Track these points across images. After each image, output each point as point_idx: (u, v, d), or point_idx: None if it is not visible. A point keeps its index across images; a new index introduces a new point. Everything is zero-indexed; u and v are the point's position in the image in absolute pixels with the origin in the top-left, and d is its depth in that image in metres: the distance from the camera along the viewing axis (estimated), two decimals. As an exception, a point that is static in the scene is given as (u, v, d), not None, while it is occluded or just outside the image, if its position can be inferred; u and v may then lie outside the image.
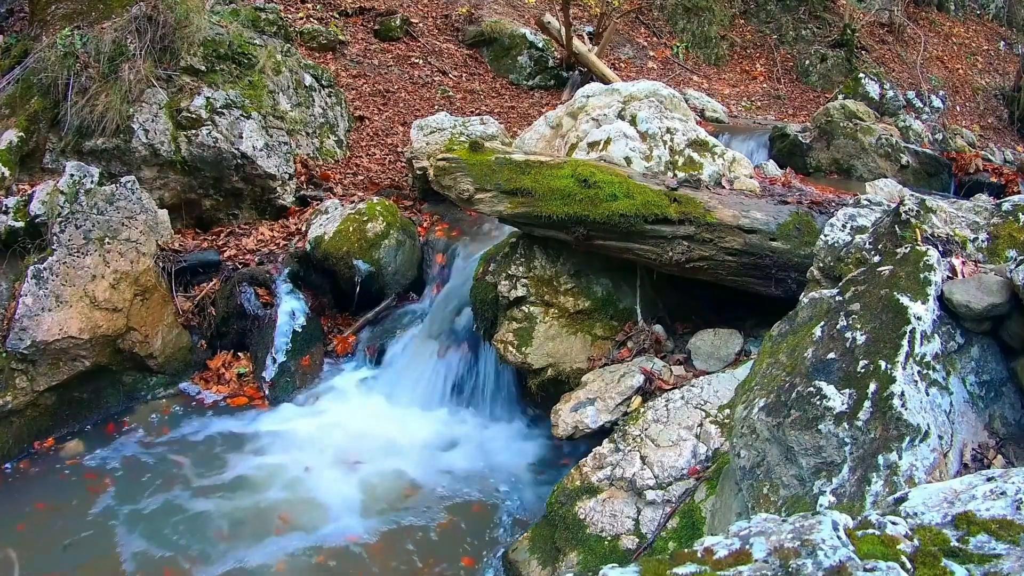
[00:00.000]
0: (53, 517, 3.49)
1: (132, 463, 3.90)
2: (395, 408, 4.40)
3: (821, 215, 3.65)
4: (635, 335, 3.88)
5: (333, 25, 8.41)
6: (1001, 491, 1.26)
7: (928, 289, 2.01)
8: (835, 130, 7.28)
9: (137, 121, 4.98)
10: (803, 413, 1.93)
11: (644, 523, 2.88)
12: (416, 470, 3.93)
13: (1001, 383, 2.05)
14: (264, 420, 4.28)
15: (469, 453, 4.07)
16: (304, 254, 4.92)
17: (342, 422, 4.25)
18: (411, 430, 4.20)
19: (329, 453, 4.00)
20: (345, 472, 3.86)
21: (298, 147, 5.93)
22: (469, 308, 4.38)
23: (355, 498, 3.68)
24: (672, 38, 10.96)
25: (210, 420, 4.27)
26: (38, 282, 3.96)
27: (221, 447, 4.05)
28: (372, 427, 4.20)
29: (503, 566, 3.23)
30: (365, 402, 4.47)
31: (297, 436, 4.13)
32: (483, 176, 3.80)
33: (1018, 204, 2.44)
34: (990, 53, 12.42)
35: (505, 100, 8.46)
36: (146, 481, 3.76)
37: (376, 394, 4.53)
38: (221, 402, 4.44)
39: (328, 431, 4.17)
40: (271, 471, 3.85)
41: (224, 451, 4.01)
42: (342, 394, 4.55)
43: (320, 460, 3.94)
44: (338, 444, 4.07)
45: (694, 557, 1.18)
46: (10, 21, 6.08)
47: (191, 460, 3.93)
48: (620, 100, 4.93)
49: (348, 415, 4.32)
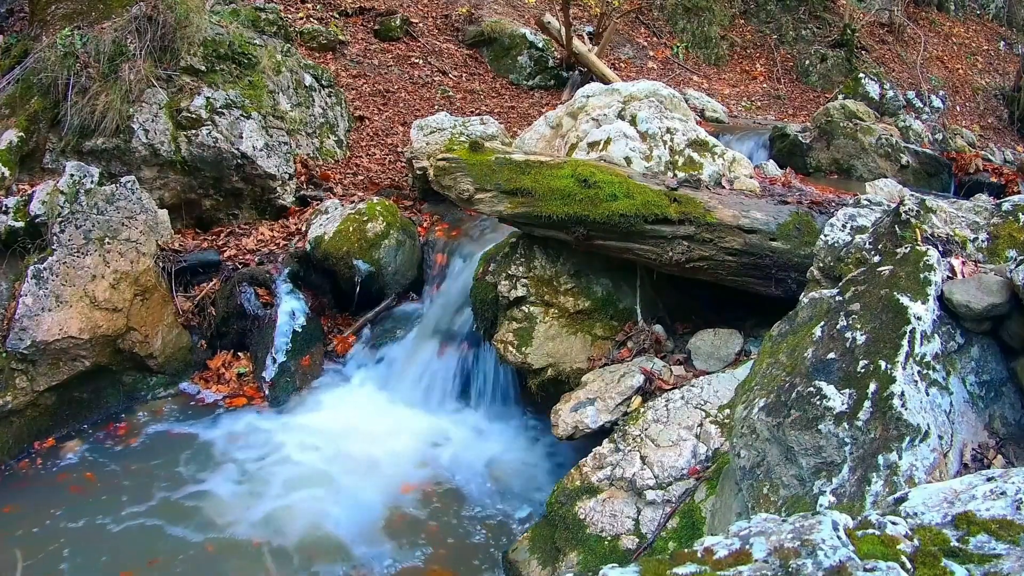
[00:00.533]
0: (53, 516, 3.49)
1: (132, 463, 3.89)
2: (395, 408, 4.40)
3: (821, 215, 3.65)
4: (635, 335, 3.88)
5: (333, 25, 8.41)
6: (1001, 491, 1.26)
7: (928, 289, 2.01)
8: (835, 130, 7.28)
9: (137, 121, 4.98)
10: (803, 413, 1.93)
11: (644, 523, 2.88)
12: (415, 470, 3.93)
13: (1001, 383, 2.05)
14: (264, 420, 4.28)
15: (469, 453, 4.07)
16: (304, 254, 4.92)
17: (342, 422, 4.25)
18: (411, 430, 4.20)
19: (329, 453, 4.00)
20: (344, 472, 3.86)
21: (298, 147, 5.93)
22: (469, 308, 4.38)
23: (354, 498, 3.68)
24: (672, 38, 10.96)
25: (210, 420, 4.27)
26: (38, 282, 3.96)
27: (221, 447, 4.04)
28: (372, 427, 4.20)
29: (503, 566, 3.23)
30: (365, 402, 4.47)
31: (297, 436, 4.12)
32: (483, 176, 3.80)
33: (1018, 204, 2.44)
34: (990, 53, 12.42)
35: (505, 100, 8.46)
36: (146, 481, 3.76)
37: (376, 394, 4.53)
38: (221, 402, 4.44)
39: (328, 431, 4.17)
40: (271, 471, 3.85)
41: (224, 451, 4.01)
42: (342, 394, 4.55)
43: (320, 460, 3.94)
44: (338, 444, 4.07)
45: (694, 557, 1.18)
46: (10, 21, 6.08)
47: (191, 460, 3.93)
48: (620, 100, 4.93)
49: (348, 415, 4.32)
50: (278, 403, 4.42)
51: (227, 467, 3.88)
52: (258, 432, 4.17)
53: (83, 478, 3.78)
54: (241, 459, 3.95)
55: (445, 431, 4.23)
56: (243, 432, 4.17)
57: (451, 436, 4.20)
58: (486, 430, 4.24)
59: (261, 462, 3.93)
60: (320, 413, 4.36)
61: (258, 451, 4.01)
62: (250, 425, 4.23)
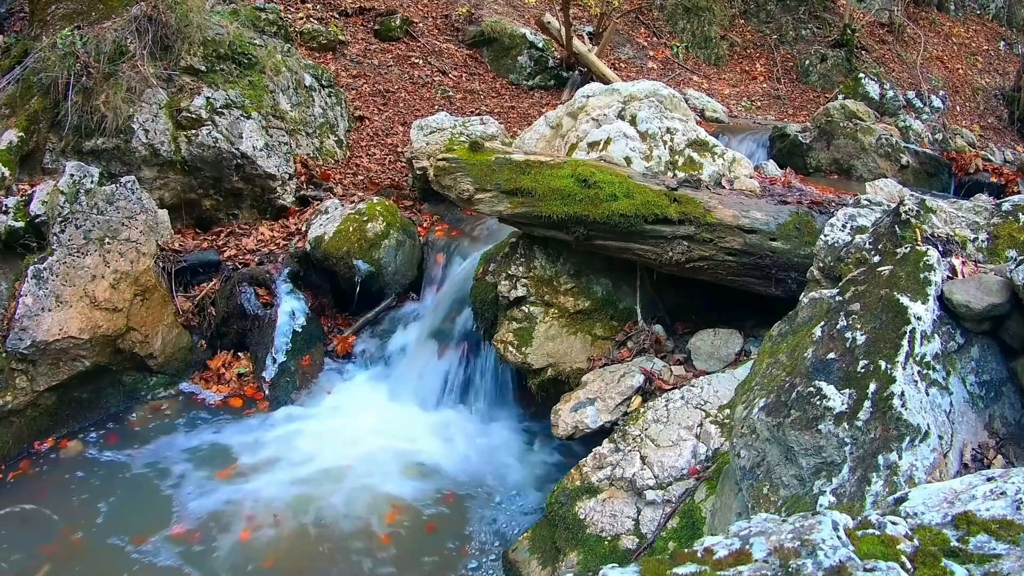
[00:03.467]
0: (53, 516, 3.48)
1: (132, 463, 3.90)
2: (395, 408, 4.40)
3: (821, 215, 3.65)
4: (635, 335, 3.88)
5: (333, 25, 8.41)
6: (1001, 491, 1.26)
7: (928, 289, 2.01)
8: (835, 130, 7.28)
9: (137, 121, 4.98)
10: (803, 413, 1.93)
11: (644, 523, 2.88)
12: (415, 469, 3.93)
13: (1001, 383, 2.05)
14: (264, 420, 4.28)
15: (469, 453, 4.07)
16: (304, 254, 4.92)
17: (342, 422, 4.25)
18: (411, 430, 4.20)
19: (329, 453, 4.00)
20: (344, 471, 3.86)
21: (298, 147, 5.93)
22: (469, 308, 4.38)
23: (354, 498, 3.68)
24: (672, 38, 10.96)
25: (210, 420, 4.28)
26: (38, 282, 3.96)
27: (221, 447, 4.05)
28: (372, 427, 4.20)
29: (503, 566, 3.23)
30: (365, 402, 4.47)
31: (297, 436, 4.12)
32: (483, 176, 3.80)
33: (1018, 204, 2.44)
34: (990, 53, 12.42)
35: (505, 100, 8.46)
36: (145, 481, 3.76)
37: (376, 394, 4.53)
38: (221, 402, 4.44)
39: (328, 431, 4.17)
40: (270, 471, 3.85)
41: (224, 451, 4.01)
42: (342, 394, 4.55)
43: (320, 460, 3.94)
44: (338, 444, 4.06)
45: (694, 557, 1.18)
46: (10, 21, 6.08)
47: (190, 460, 3.93)
48: (620, 100, 4.93)
49: (348, 415, 4.32)
50: (278, 403, 4.42)
51: (227, 467, 3.88)
52: (258, 432, 4.17)
53: (83, 478, 3.77)
54: (241, 459, 3.95)
55: (445, 431, 4.23)
56: (243, 432, 4.17)
57: (451, 435, 4.20)
58: (486, 430, 4.24)
59: (260, 461, 3.93)
60: (320, 413, 4.36)
61: (258, 450, 4.01)
62: (250, 425, 4.23)
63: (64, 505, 3.58)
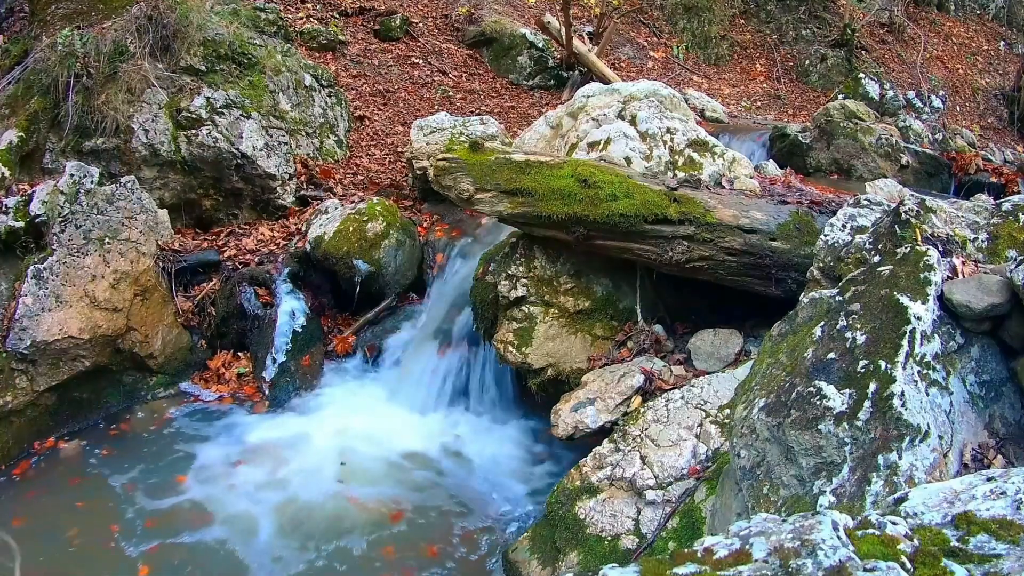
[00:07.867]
0: (53, 516, 3.49)
1: (132, 463, 3.89)
2: (395, 408, 4.40)
3: (821, 215, 3.65)
4: (635, 335, 3.88)
5: (333, 25, 8.40)
6: (1001, 491, 1.26)
7: (928, 289, 2.01)
8: (835, 130, 7.27)
9: (137, 121, 4.98)
10: (803, 413, 1.93)
11: (644, 523, 2.88)
12: (415, 469, 3.93)
13: (1001, 383, 2.05)
14: (264, 420, 4.28)
15: (469, 453, 4.07)
16: (304, 254, 4.92)
17: (342, 422, 4.25)
18: (411, 430, 4.20)
19: (329, 453, 4.00)
20: (344, 470, 3.86)
21: (298, 147, 5.93)
22: (469, 308, 4.37)
23: (354, 498, 3.68)
24: (672, 38, 10.96)
25: (210, 420, 4.27)
26: (38, 282, 3.96)
27: (221, 447, 4.04)
28: (372, 427, 4.20)
29: (503, 566, 3.23)
30: (365, 402, 4.47)
31: (297, 436, 4.12)
32: (483, 176, 3.79)
33: (1018, 204, 2.45)
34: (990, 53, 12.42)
35: (505, 100, 8.46)
36: (144, 481, 3.76)
37: (376, 394, 4.53)
38: (221, 402, 4.44)
39: (328, 431, 4.17)
40: (270, 471, 3.85)
41: (223, 451, 4.01)
42: (342, 394, 4.55)
43: (319, 460, 3.94)
44: (338, 444, 4.06)
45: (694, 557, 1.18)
46: (10, 21, 6.08)
47: (191, 460, 3.93)
48: (620, 100, 4.93)
49: (348, 415, 4.32)
50: (278, 403, 4.41)
51: (227, 467, 3.88)
52: (258, 432, 4.16)
53: (83, 478, 3.77)
54: (241, 458, 3.95)
55: (445, 431, 4.23)
56: (243, 432, 4.17)
57: (451, 435, 4.20)
58: (486, 430, 4.24)
59: (261, 461, 3.92)
60: (320, 413, 4.36)
61: (258, 451, 4.01)
62: (250, 425, 4.23)
63: (64, 505, 3.57)
